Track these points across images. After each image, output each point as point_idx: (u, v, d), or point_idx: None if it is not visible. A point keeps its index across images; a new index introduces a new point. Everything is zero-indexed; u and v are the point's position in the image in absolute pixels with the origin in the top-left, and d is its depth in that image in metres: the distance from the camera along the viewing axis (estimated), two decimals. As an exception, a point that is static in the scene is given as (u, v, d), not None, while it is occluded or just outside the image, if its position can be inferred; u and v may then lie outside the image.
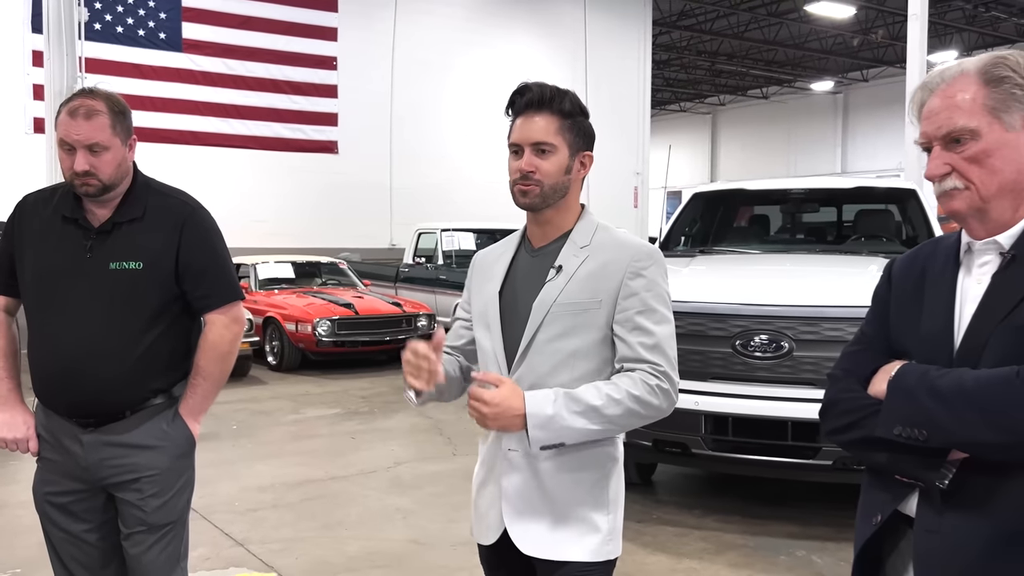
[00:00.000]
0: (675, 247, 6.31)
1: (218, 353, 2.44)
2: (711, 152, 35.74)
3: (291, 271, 11.77)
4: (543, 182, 1.88)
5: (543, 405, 1.78)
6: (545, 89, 1.90)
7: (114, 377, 2.30)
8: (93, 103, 2.29)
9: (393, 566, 4.18)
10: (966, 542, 1.38)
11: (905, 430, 1.40)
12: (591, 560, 1.87)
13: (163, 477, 2.40)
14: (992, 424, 1.31)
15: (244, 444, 6.69)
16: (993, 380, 1.33)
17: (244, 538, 4.52)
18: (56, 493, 2.41)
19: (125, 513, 2.40)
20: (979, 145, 1.42)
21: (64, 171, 2.32)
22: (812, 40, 25.59)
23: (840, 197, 6.70)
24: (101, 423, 2.35)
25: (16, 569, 4.06)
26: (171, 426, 2.42)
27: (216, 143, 14.75)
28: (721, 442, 4.58)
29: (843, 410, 1.55)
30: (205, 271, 2.41)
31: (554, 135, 1.88)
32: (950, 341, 1.46)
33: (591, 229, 1.95)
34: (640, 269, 1.88)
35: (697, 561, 4.25)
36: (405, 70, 16.67)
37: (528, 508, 1.89)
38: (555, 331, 1.87)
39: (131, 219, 2.36)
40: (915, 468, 1.43)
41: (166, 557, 2.43)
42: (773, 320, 4.50)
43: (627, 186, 20.04)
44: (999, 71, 1.43)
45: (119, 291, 2.31)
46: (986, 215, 1.46)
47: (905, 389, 1.42)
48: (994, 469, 1.36)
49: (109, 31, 13.52)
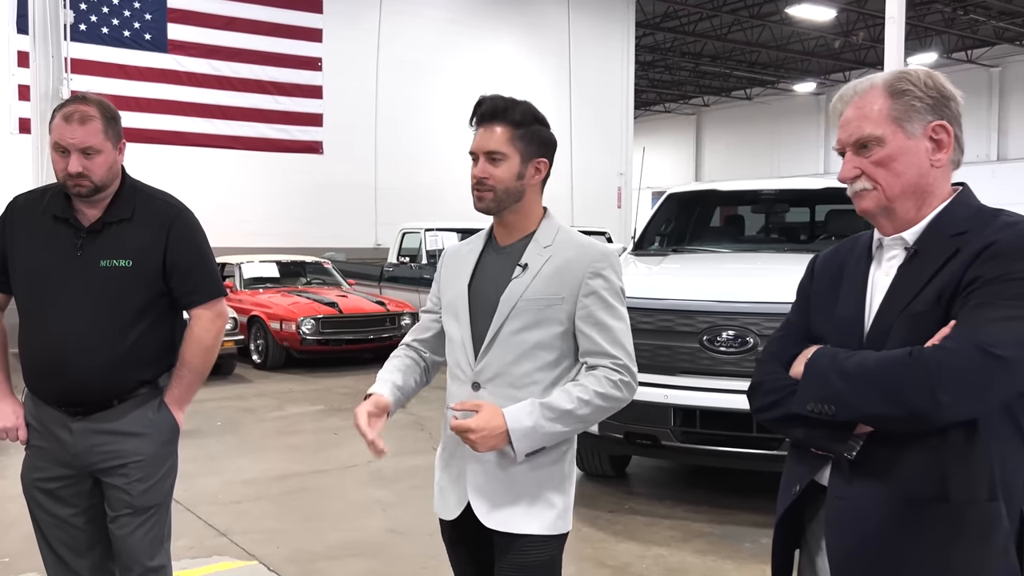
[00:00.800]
0: (649, 246, 6.47)
1: (202, 346, 2.58)
2: (696, 153, 36.02)
3: (276, 270, 11.88)
4: (496, 188, 2.04)
5: (522, 419, 1.94)
6: (498, 101, 2.06)
7: (102, 368, 2.42)
8: (87, 109, 2.42)
9: (371, 554, 4.32)
10: (869, 507, 1.54)
11: (817, 406, 1.55)
12: (547, 534, 2.03)
13: (148, 463, 2.53)
14: (888, 399, 1.46)
15: (228, 440, 6.81)
16: (889, 360, 1.48)
17: (227, 529, 4.66)
18: (44, 479, 2.53)
19: (112, 497, 2.52)
20: (884, 151, 1.58)
21: (57, 172, 2.44)
22: (794, 42, 25.88)
23: (812, 197, 6.87)
24: (89, 412, 2.47)
25: (4, 559, 4.18)
26: (156, 414, 2.55)
27: (201, 143, 14.83)
28: (689, 434, 4.75)
29: (766, 390, 1.71)
30: (191, 269, 2.55)
31: (505, 144, 2.04)
32: (861, 327, 1.62)
33: (553, 231, 2.11)
34: (599, 269, 2.04)
35: (665, 548, 4.42)
36: (390, 71, 16.79)
37: (490, 487, 2.04)
38: (519, 324, 2.03)
39: (120, 219, 2.48)
40: (827, 441, 1.58)
41: (151, 539, 2.55)
42: (739, 316, 4.66)
43: (611, 186, 20.23)
44: (902, 85, 1.59)
45: (108, 287, 2.43)
46: (893, 213, 1.61)
47: (817, 370, 1.57)
48: (895, 441, 1.52)
49: (95, 32, 13.58)
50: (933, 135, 1.58)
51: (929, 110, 1.58)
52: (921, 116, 1.58)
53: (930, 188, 1.60)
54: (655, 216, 6.79)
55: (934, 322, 1.49)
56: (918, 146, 1.58)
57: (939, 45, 24.86)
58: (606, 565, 4.20)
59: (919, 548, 1.50)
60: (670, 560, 4.26)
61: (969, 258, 1.50)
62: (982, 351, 1.41)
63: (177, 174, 11.74)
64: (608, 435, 4.96)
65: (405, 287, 12.47)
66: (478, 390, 2.06)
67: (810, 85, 30.32)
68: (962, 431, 1.48)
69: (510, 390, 2.02)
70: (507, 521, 2.03)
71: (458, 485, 2.11)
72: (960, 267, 1.51)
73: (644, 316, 4.90)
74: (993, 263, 1.48)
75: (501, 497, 2.04)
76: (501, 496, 2.04)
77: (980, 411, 1.46)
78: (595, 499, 5.22)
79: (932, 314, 1.51)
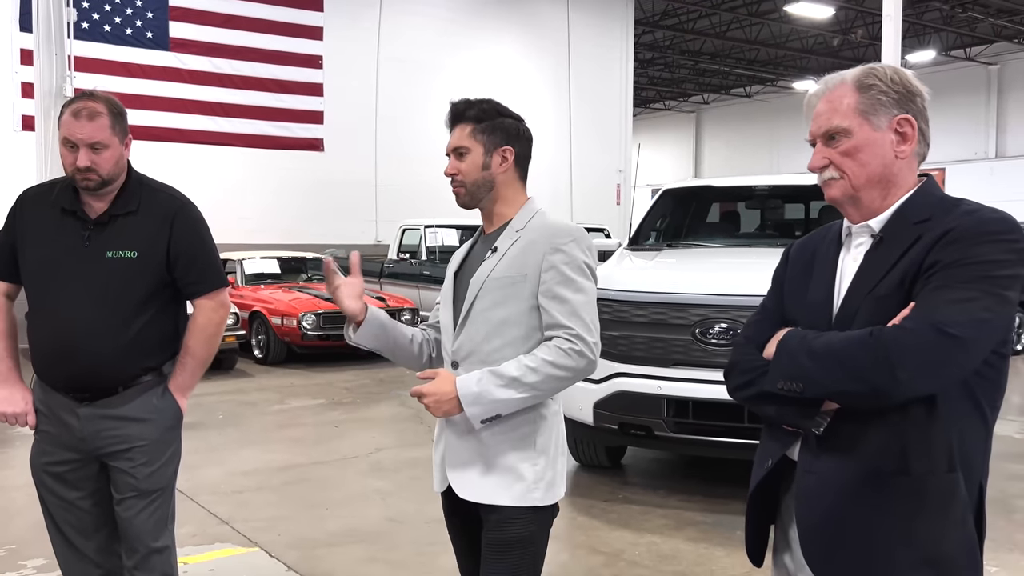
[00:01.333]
0: (644, 241, 6.56)
1: (206, 335, 2.67)
2: (695, 150, 36.09)
3: (277, 266, 11.98)
4: (465, 181, 2.20)
5: (470, 385, 2.05)
6: (460, 104, 2.22)
7: (108, 355, 2.51)
8: (95, 105, 2.51)
9: (370, 541, 4.42)
10: (835, 479, 1.62)
11: (786, 384, 1.63)
12: (517, 505, 2.10)
13: (153, 447, 2.62)
14: (851, 376, 1.54)
15: (230, 432, 6.91)
16: (853, 340, 1.56)
17: (229, 517, 4.75)
18: (53, 463, 2.62)
19: (118, 480, 2.61)
20: (851, 142, 1.67)
21: (66, 166, 2.53)
22: (793, 40, 25.95)
23: (806, 193, 6.95)
24: (96, 398, 2.56)
25: (12, 545, 4.27)
26: (161, 401, 2.64)
27: (203, 141, 14.91)
28: (682, 424, 4.85)
29: (741, 370, 1.79)
30: (194, 260, 2.64)
31: (467, 139, 2.19)
32: (830, 310, 1.71)
33: (528, 216, 2.21)
34: (559, 245, 2.12)
35: (658, 536, 4.51)
36: (390, 69, 16.87)
37: (463, 460, 2.15)
38: (487, 303, 2.14)
39: (126, 212, 2.57)
40: (796, 417, 1.67)
41: (155, 520, 2.65)
42: (730, 309, 4.76)
43: (610, 183, 20.30)
44: (869, 80, 1.68)
45: (114, 277, 2.52)
46: (859, 202, 1.70)
47: (787, 350, 1.66)
48: (860, 418, 1.60)
49: (97, 30, 13.67)
50: (898, 128, 1.66)
51: (895, 104, 1.66)
52: (887, 110, 1.66)
53: (894, 178, 1.68)
54: (650, 212, 6.88)
55: (896, 304, 1.57)
56: (883, 138, 1.66)
57: (937, 43, 24.92)
58: (599, 552, 4.29)
59: (882, 518, 1.58)
60: (663, 547, 4.36)
61: (930, 243, 1.58)
62: (938, 330, 1.48)
63: (179, 171, 11.76)
64: (603, 426, 5.06)
65: (405, 283, 12.57)
66: (456, 368, 2.17)
67: (809, 83, 30.32)
68: (922, 407, 1.56)
69: (482, 367, 2.10)
70: (478, 492, 2.12)
71: (443, 461, 2.21)
72: (921, 252, 1.58)
73: (638, 309, 5.00)
74: (951, 248, 1.55)
75: (472, 469, 2.13)
76: (472, 468, 2.13)
77: (937, 387, 1.54)
78: (590, 489, 5.32)
79: (895, 297, 1.58)
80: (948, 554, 1.57)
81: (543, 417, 2.17)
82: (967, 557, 1.58)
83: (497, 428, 2.11)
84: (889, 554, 1.58)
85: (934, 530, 1.56)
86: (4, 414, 2.66)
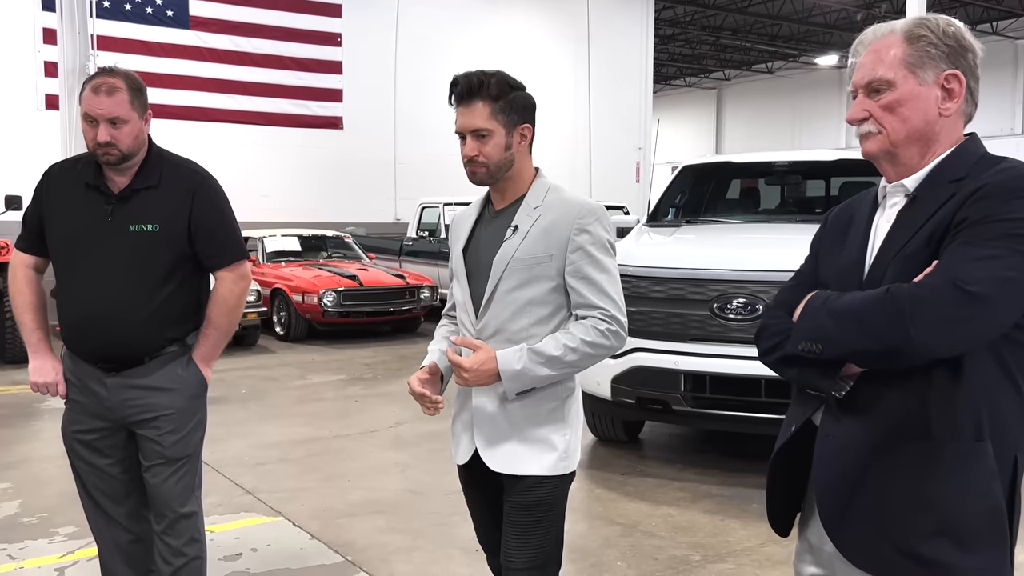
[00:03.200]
0: (663, 218, 6.56)
1: (228, 306, 2.73)
2: (716, 127, 35.79)
3: (298, 244, 12.07)
4: (488, 163, 2.17)
5: (512, 362, 2.10)
6: (472, 78, 2.14)
7: (133, 326, 2.58)
8: (114, 81, 2.55)
9: (390, 512, 4.50)
10: (854, 443, 1.59)
11: (807, 345, 1.59)
12: (549, 474, 2.18)
13: (179, 416, 2.70)
14: (866, 334, 1.50)
15: (252, 407, 7.02)
16: (870, 298, 1.52)
17: (253, 488, 4.85)
18: (83, 431, 2.71)
19: (145, 448, 2.70)
20: (893, 95, 1.59)
21: (87, 142, 2.58)
22: (816, 15, 25.59)
23: (826, 169, 6.92)
24: (122, 368, 2.64)
25: (44, 513, 4.39)
26: (185, 370, 2.71)
27: (223, 119, 14.99)
28: (700, 399, 4.88)
29: (769, 334, 1.75)
30: (214, 233, 2.69)
31: (488, 119, 2.14)
32: (861, 270, 1.65)
33: (543, 191, 2.22)
34: (584, 225, 2.15)
35: (674, 508, 4.56)
36: (408, 46, 16.84)
37: (495, 432, 2.20)
38: (513, 283, 2.17)
39: (148, 186, 2.62)
40: (817, 379, 1.62)
41: (183, 486, 2.73)
42: (749, 284, 4.77)
43: (630, 161, 20.22)
44: (919, 31, 1.60)
45: (138, 250, 2.58)
46: (896, 159, 1.63)
47: (810, 310, 1.63)
48: (883, 381, 1.55)
49: (118, 8, 13.74)
50: (945, 83, 1.59)
51: (944, 58, 1.58)
52: (935, 64, 1.58)
53: (936, 136, 1.61)
54: (669, 188, 6.88)
55: (923, 263, 1.52)
56: (928, 93, 1.59)
57: (963, 16, 24.48)
58: (616, 523, 4.35)
59: (899, 483, 1.54)
60: (679, 519, 4.41)
61: (960, 201, 1.52)
62: (956, 287, 1.43)
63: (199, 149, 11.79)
64: (621, 400, 5.11)
65: (424, 261, 12.63)
66: None
67: (832, 58, 29.97)
68: (946, 372, 1.50)
69: (509, 345, 2.15)
70: (511, 463, 2.19)
71: (467, 432, 2.27)
72: (951, 209, 1.53)
73: (656, 285, 5.02)
74: (979, 204, 1.49)
75: (504, 442, 2.19)
76: (504, 441, 2.19)
77: (955, 348, 1.48)
78: (608, 463, 5.37)
79: (921, 255, 1.54)
80: (968, 524, 1.51)
81: (570, 391, 2.25)
82: (989, 529, 1.52)
83: (530, 402, 2.17)
84: (904, 520, 1.54)
85: (953, 498, 1.51)
86: (36, 384, 2.74)
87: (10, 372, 8.45)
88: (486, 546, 2.43)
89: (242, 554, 3.90)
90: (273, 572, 3.73)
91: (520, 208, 2.21)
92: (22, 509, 4.46)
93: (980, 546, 1.51)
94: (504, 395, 2.14)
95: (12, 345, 8.66)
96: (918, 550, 1.52)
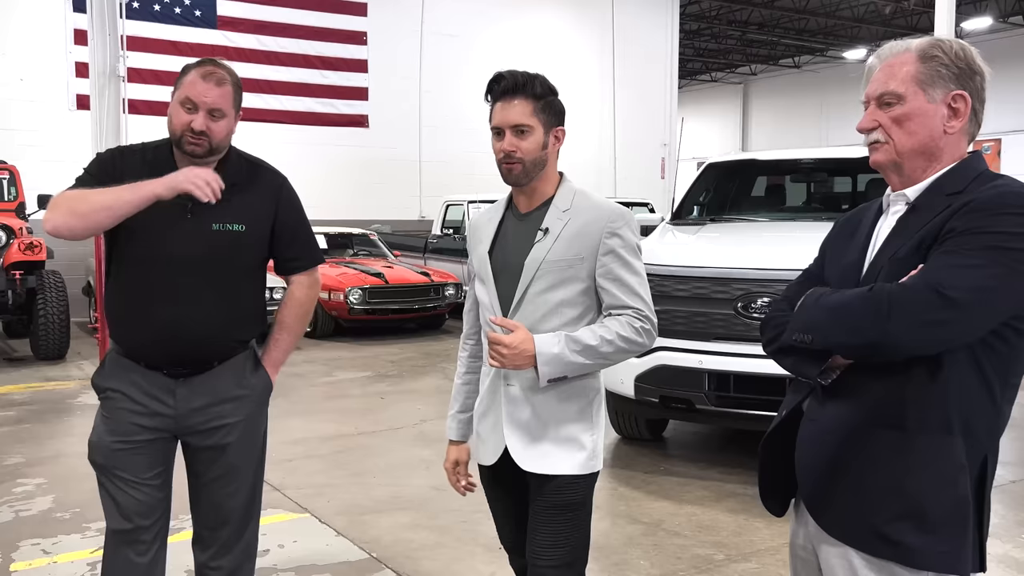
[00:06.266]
0: (687, 216, 6.55)
1: (304, 310, 2.68)
2: (742, 122, 35.52)
3: (324, 242, 12.15)
4: (524, 160, 2.19)
5: (550, 345, 2.12)
6: (518, 76, 2.19)
7: (213, 328, 2.46)
8: (223, 73, 2.46)
9: (415, 508, 4.54)
10: (831, 427, 1.71)
11: (799, 336, 1.71)
12: (579, 473, 2.22)
13: (248, 424, 2.57)
14: (849, 329, 1.62)
15: (279, 403, 7.06)
16: (854, 296, 1.64)
17: (280, 484, 4.92)
18: (127, 442, 2.47)
19: (208, 459, 2.54)
20: (902, 108, 1.70)
21: (176, 126, 2.41)
22: (844, 8, 25.33)
23: (852, 166, 6.86)
24: (192, 374, 2.48)
25: (76, 508, 4.48)
26: (254, 376, 2.59)
27: (250, 118, 14.94)
28: (723, 398, 4.87)
29: (771, 326, 1.87)
30: (296, 235, 2.63)
31: (530, 117, 2.18)
32: (859, 271, 1.77)
33: (570, 195, 2.26)
34: (615, 229, 2.19)
35: (698, 507, 4.57)
36: (434, 44, 16.90)
37: (526, 432, 2.23)
38: (544, 285, 2.20)
39: (232, 184, 2.46)
40: (807, 368, 1.73)
41: (248, 497, 2.61)
42: (773, 283, 4.75)
43: (655, 157, 20.14)
44: (932, 51, 1.71)
45: (220, 250, 2.45)
46: (902, 169, 1.74)
47: (805, 305, 1.74)
48: (866, 373, 1.66)
49: (147, 9, 13.91)
50: (952, 103, 1.69)
51: (953, 79, 1.69)
52: (944, 83, 1.69)
53: (939, 152, 1.71)
54: (694, 186, 6.86)
55: (911, 267, 1.62)
56: (935, 111, 1.69)
57: (994, 9, 24.11)
58: (639, 521, 4.36)
59: (873, 467, 1.65)
60: (702, 518, 4.41)
61: (951, 212, 1.62)
62: (933, 290, 1.53)
63: (227, 148, 12.00)
64: (644, 399, 5.11)
65: (449, 258, 12.68)
66: None
67: (860, 52, 29.61)
68: (925, 369, 1.61)
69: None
70: (543, 463, 2.22)
71: (496, 433, 2.29)
72: (942, 219, 1.63)
73: (680, 283, 5.02)
74: (967, 217, 1.59)
75: (536, 442, 2.22)
76: (536, 441, 2.22)
77: (929, 347, 1.58)
78: (631, 461, 5.38)
79: (911, 260, 1.64)
80: (934, 511, 1.61)
81: (597, 390, 2.29)
82: (954, 517, 1.62)
83: (560, 401, 2.21)
84: (877, 501, 1.65)
85: (922, 486, 1.62)
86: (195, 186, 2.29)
87: (44, 369, 8.61)
88: (509, 545, 2.46)
89: (269, 550, 3.95)
90: (299, 569, 3.78)
91: (549, 211, 2.24)
92: (55, 504, 4.55)
93: (944, 532, 1.62)
94: (534, 382, 2.16)
95: (45, 342, 8.82)
96: (887, 530, 1.64)
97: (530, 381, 2.19)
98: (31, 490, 4.79)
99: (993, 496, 1.77)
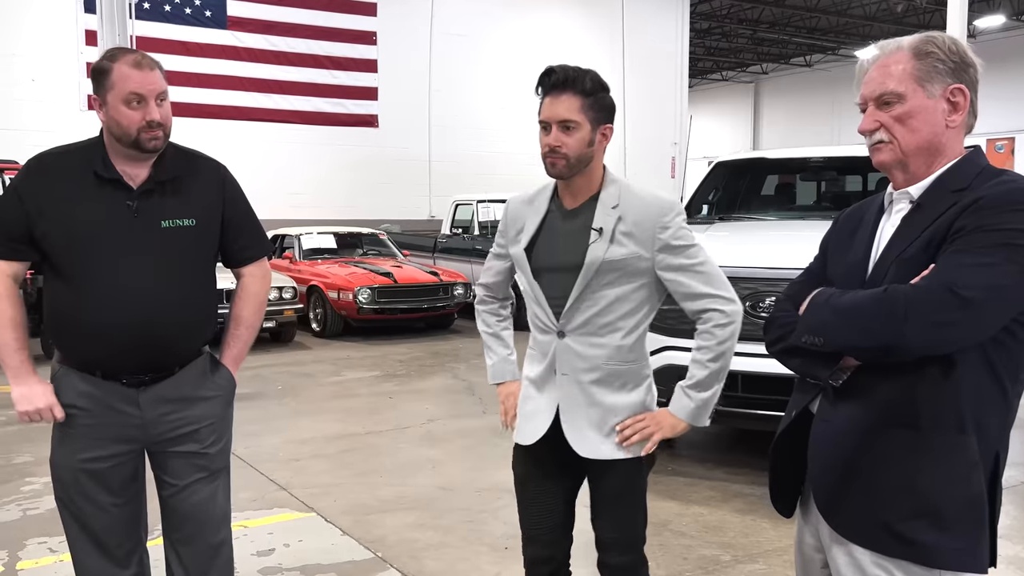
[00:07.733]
0: (697, 215, 6.51)
1: (259, 302, 2.57)
2: (753, 121, 35.40)
3: (333, 242, 12.18)
4: (569, 155, 2.18)
5: (686, 407, 2.25)
6: (568, 71, 2.18)
7: (173, 330, 2.34)
8: (146, 56, 2.30)
9: (421, 508, 4.53)
10: (844, 427, 1.70)
11: (809, 338, 1.70)
12: (634, 456, 2.27)
13: (219, 424, 2.50)
14: (862, 330, 1.61)
15: (288, 402, 7.11)
16: (867, 297, 1.63)
17: (287, 483, 4.92)
18: (94, 459, 2.36)
19: (179, 465, 2.43)
20: (904, 107, 1.69)
21: (130, 125, 2.25)
22: (855, 7, 25.22)
23: (861, 165, 6.81)
24: (153, 381, 2.36)
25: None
26: (218, 375, 2.50)
27: (260, 118, 15.18)
28: (731, 398, 4.83)
29: (776, 326, 1.86)
30: (244, 225, 2.52)
31: (577, 112, 2.17)
32: (864, 271, 1.76)
33: (617, 191, 2.25)
34: (666, 223, 2.21)
35: (704, 507, 4.54)
36: (443, 44, 16.92)
37: (583, 419, 2.26)
38: (602, 282, 2.22)
39: (173, 177, 2.36)
40: (818, 370, 1.73)
41: (222, 500, 2.54)
42: (781, 283, 4.70)
43: (665, 156, 20.10)
44: (927, 47, 1.70)
45: (172, 248, 2.33)
46: (906, 167, 1.73)
47: (815, 306, 1.73)
48: (878, 373, 1.65)
49: (157, 10, 13.98)
50: (951, 97, 1.68)
51: (950, 73, 1.68)
52: (942, 78, 1.69)
53: (942, 147, 1.71)
54: (703, 184, 6.83)
55: (920, 266, 1.61)
56: (936, 106, 1.69)
57: (1007, 7, 23.95)
58: (646, 522, 4.33)
59: (887, 467, 1.65)
60: (709, 518, 4.39)
61: (959, 210, 1.62)
62: (948, 290, 1.52)
63: (235, 148, 12.03)
64: (651, 399, 5.08)
65: (458, 258, 12.67)
66: (563, 338, 2.26)
67: (872, 51, 29.49)
68: (938, 368, 1.60)
69: (593, 338, 2.23)
70: (598, 448, 2.25)
71: (541, 416, 2.31)
72: (950, 218, 1.62)
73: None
74: (976, 215, 1.59)
75: (593, 428, 2.26)
76: (592, 427, 2.25)
77: (944, 347, 1.57)
78: (639, 461, 5.35)
79: (920, 259, 1.63)
80: (948, 509, 1.61)
81: (645, 377, 2.34)
82: (969, 514, 1.62)
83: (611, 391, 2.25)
84: (891, 500, 1.64)
85: (936, 484, 1.61)
86: (27, 413, 2.33)
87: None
88: (533, 533, 2.39)
89: (274, 549, 3.95)
90: (305, 567, 3.78)
91: (597, 208, 2.23)
92: (63, 502, 4.56)
93: (959, 529, 1.61)
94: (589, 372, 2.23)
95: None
96: (901, 528, 1.63)
97: (584, 371, 2.24)
98: (39, 489, 4.81)
99: (1004, 497, 1.75)
